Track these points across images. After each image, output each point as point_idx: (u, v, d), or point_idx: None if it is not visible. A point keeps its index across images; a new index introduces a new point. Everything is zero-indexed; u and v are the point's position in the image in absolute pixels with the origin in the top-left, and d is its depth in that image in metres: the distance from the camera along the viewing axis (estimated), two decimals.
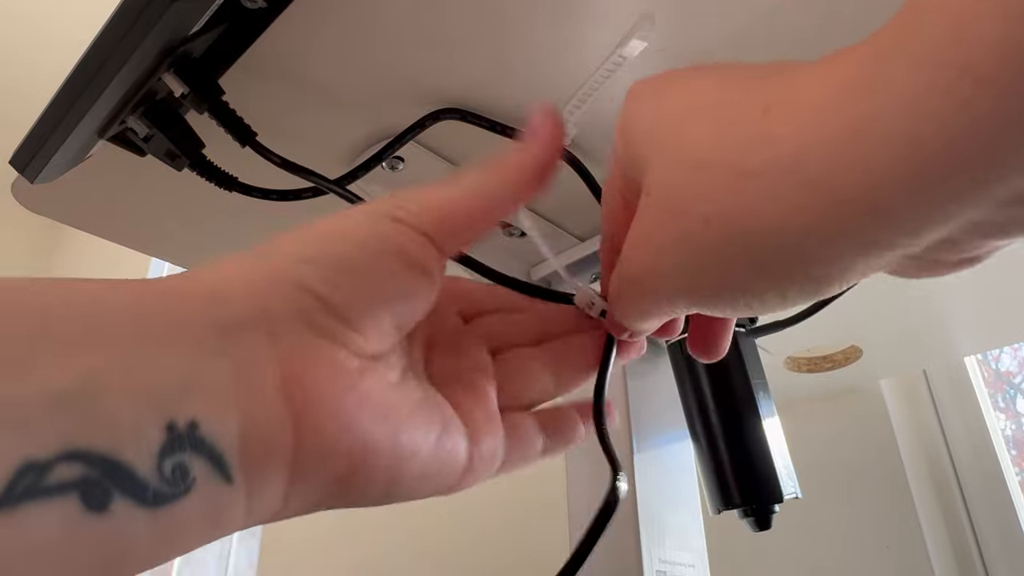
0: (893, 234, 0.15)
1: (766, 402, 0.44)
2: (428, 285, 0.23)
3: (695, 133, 0.19)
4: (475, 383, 0.26)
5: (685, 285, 0.20)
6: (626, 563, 0.42)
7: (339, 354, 0.21)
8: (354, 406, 0.20)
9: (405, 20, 0.36)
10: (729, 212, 0.17)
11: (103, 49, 0.31)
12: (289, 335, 0.20)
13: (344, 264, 0.21)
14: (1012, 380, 0.89)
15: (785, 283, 0.17)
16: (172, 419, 0.17)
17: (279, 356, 0.20)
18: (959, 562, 0.78)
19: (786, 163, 0.16)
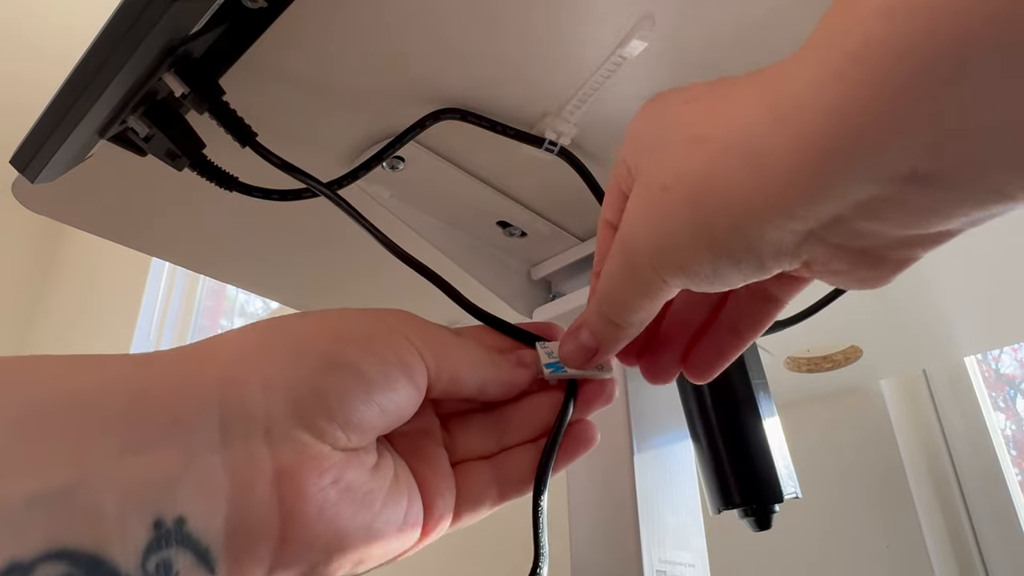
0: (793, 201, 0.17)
1: (766, 402, 0.44)
2: (418, 402, 0.25)
3: (678, 115, 0.21)
4: (426, 447, 0.27)
5: (652, 248, 0.21)
6: (626, 563, 0.42)
7: (325, 449, 0.22)
8: (336, 499, 0.22)
9: (405, 20, 0.36)
10: (679, 176, 0.20)
11: (104, 49, 0.31)
12: (284, 434, 0.21)
13: (359, 375, 0.22)
14: (1012, 380, 0.89)
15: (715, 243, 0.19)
16: (160, 516, 0.18)
17: (274, 454, 0.20)
18: (959, 562, 0.78)
19: (726, 129, 0.18)
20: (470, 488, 0.27)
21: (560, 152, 0.44)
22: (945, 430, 0.85)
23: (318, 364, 0.22)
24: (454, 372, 0.25)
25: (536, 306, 0.54)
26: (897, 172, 0.15)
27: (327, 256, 0.58)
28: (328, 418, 0.21)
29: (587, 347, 0.26)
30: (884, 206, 0.16)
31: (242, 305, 2.58)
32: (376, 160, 0.43)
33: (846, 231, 0.18)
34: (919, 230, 0.17)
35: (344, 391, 0.22)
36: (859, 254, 0.19)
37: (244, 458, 0.20)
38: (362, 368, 0.23)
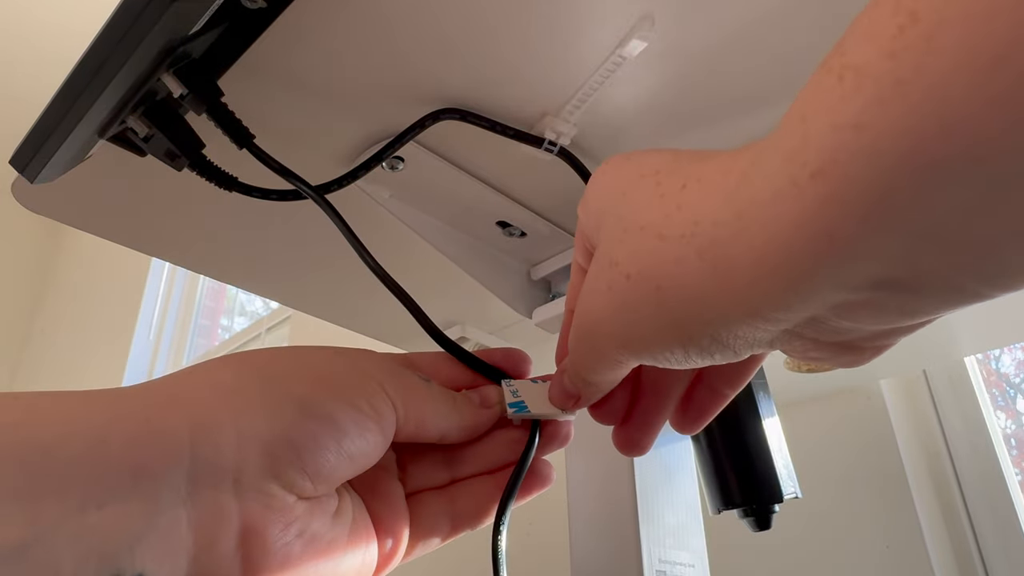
0: (762, 305, 0.17)
1: (766, 402, 0.44)
2: (384, 449, 0.25)
3: (635, 197, 0.21)
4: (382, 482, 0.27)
5: (615, 331, 0.21)
6: (626, 563, 0.42)
7: (290, 500, 0.21)
8: (300, 552, 0.21)
9: (405, 20, 0.36)
10: (645, 270, 0.19)
11: (103, 49, 0.31)
12: (253, 485, 0.21)
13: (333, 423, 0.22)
14: (1012, 380, 0.89)
15: (687, 339, 0.19)
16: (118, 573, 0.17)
17: (241, 506, 0.20)
18: (959, 562, 0.78)
19: (687, 231, 0.18)
20: (423, 521, 0.27)
21: (560, 152, 0.44)
22: (945, 430, 0.85)
23: (295, 413, 0.22)
24: (420, 420, 0.25)
25: (536, 306, 0.54)
26: (868, 281, 0.15)
27: (327, 256, 0.58)
28: (299, 469, 0.21)
29: (569, 394, 0.27)
30: (857, 309, 0.16)
31: (242, 305, 2.58)
32: (376, 160, 0.43)
33: (821, 328, 0.18)
34: (894, 324, 0.17)
35: (318, 442, 0.22)
36: (836, 346, 0.19)
37: (210, 512, 0.20)
38: (337, 418, 0.22)
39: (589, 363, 0.24)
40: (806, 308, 0.16)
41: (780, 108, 0.42)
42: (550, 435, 0.29)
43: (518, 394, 0.28)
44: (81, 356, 2.93)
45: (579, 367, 0.25)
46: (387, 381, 0.25)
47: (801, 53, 0.38)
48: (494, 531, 0.26)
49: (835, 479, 0.84)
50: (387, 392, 0.24)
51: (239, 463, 0.20)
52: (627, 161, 0.23)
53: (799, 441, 0.68)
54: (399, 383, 0.25)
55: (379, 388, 0.24)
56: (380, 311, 0.66)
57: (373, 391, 0.24)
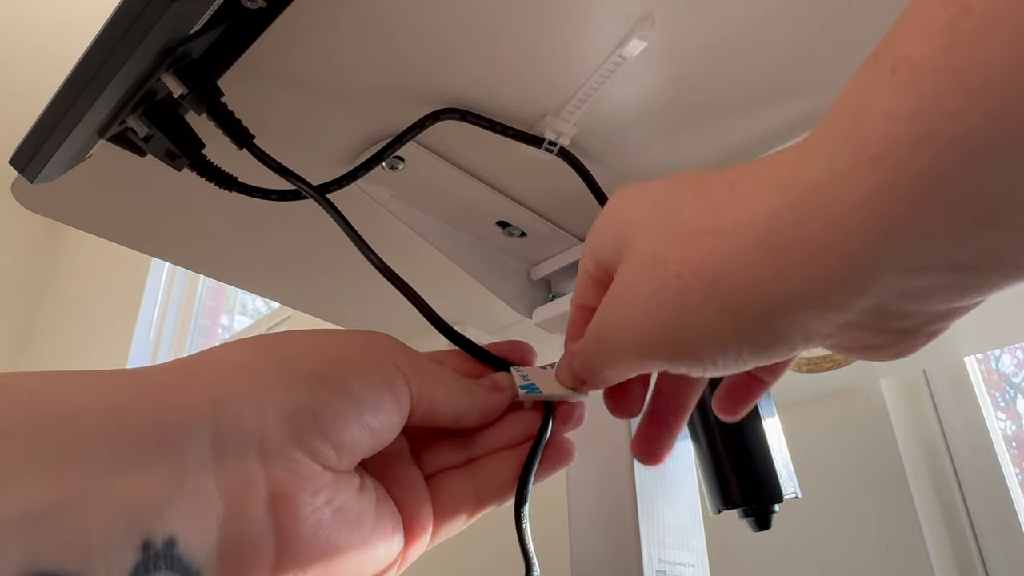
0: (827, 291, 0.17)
1: (766, 402, 0.44)
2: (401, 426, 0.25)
3: (675, 202, 0.21)
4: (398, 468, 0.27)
5: (660, 335, 0.21)
6: (626, 563, 0.42)
7: (316, 469, 0.22)
8: (330, 520, 0.22)
9: (404, 21, 0.36)
10: (699, 265, 0.19)
11: (103, 49, 0.31)
12: (278, 452, 0.21)
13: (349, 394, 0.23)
14: (1012, 380, 0.89)
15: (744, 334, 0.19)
16: (148, 537, 0.17)
17: (267, 474, 0.20)
18: (959, 562, 0.78)
19: (746, 221, 0.18)
20: (446, 499, 0.27)
21: (560, 152, 0.44)
22: (945, 430, 0.85)
23: (311, 383, 0.22)
24: (433, 399, 0.26)
25: (536, 306, 0.54)
26: (932, 263, 0.15)
27: (327, 256, 0.58)
28: (322, 437, 0.21)
29: (578, 378, 0.27)
30: (923, 292, 0.16)
31: (242, 304, 2.58)
32: (376, 160, 0.43)
33: (883, 315, 0.18)
34: (959, 303, 0.17)
35: (336, 410, 0.22)
36: (895, 333, 0.19)
37: (238, 477, 0.20)
38: (353, 388, 0.23)
39: (610, 361, 0.24)
40: (871, 293, 0.17)
41: (780, 108, 0.43)
42: (564, 415, 0.29)
43: (528, 378, 0.29)
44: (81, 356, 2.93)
45: (596, 362, 0.25)
46: (399, 359, 0.25)
47: (801, 52, 0.38)
48: (516, 505, 0.27)
49: (835, 479, 0.84)
50: (400, 368, 0.25)
51: (261, 431, 0.20)
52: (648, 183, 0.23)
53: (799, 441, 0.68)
54: (411, 361, 0.25)
55: (392, 363, 0.24)
56: (380, 310, 0.66)
57: (386, 365, 0.24)
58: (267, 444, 0.21)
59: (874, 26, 0.16)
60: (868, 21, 0.36)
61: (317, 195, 0.37)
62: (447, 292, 0.62)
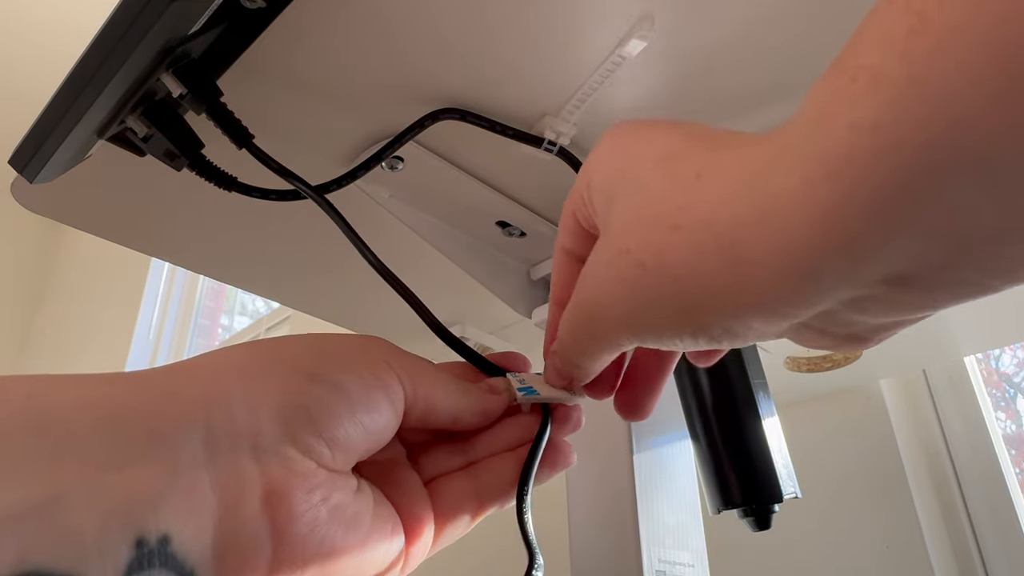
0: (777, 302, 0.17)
1: (766, 402, 0.44)
2: (396, 426, 0.25)
3: (647, 184, 0.20)
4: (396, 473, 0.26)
5: (623, 318, 0.21)
6: (626, 563, 0.42)
7: (311, 466, 0.21)
8: (327, 519, 0.21)
9: (404, 20, 0.36)
10: (660, 258, 0.19)
11: (102, 49, 0.31)
12: (271, 449, 0.21)
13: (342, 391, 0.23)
14: (1012, 379, 0.89)
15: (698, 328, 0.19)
16: (142, 535, 0.17)
17: (262, 471, 0.20)
18: (959, 562, 0.78)
19: (704, 222, 0.18)
20: (447, 503, 0.27)
21: (559, 152, 0.44)
22: (945, 430, 0.85)
23: (303, 381, 0.22)
24: (429, 399, 0.25)
25: (536, 306, 0.54)
26: (881, 277, 0.15)
27: (327, 256, 0.58)
28: (315, 434, 0.21)
29: (562, 375, 0.27)
30: (868, 303, 0.17)
31: (242, 304, 2.58)
32: (375, 160, 0.43)
33: (831, 320, 0.18)
34: (902, 317, 0.18)
35: (330, 407, 0.22)
36: (843, 336, 0.19)
37: (232, 475, 0.20)
38: (345, 385, 0.23)
39: (585, 348, 0.24)
40: (819, 303, 0.17)
41: (779, 107, 0.42)
42: (562, 418, 0.29)
43: (524, 381, 0.29)
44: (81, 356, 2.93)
45: (571, 352, 0.25)
46: (393, 359, 0.25)
47: (800, 52, 0.38)
48: (518, 503, 0.26)
49: (835, 479, 0.84)
50: (393, 368, 0.25)
51: (254, 428, 0.20)
52: (635, 140, 0.22)
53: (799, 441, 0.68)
54: (405, 361, 0.25)
55: (385, 363, 0.24)
56: (380, 310, 0.66)
57: (379, 365, 0.24)
58: (260, 441, 0.20)
59: None
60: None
61: (316, 195, 0.37)
62: (447, 292, 0.62)
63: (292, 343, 0.24)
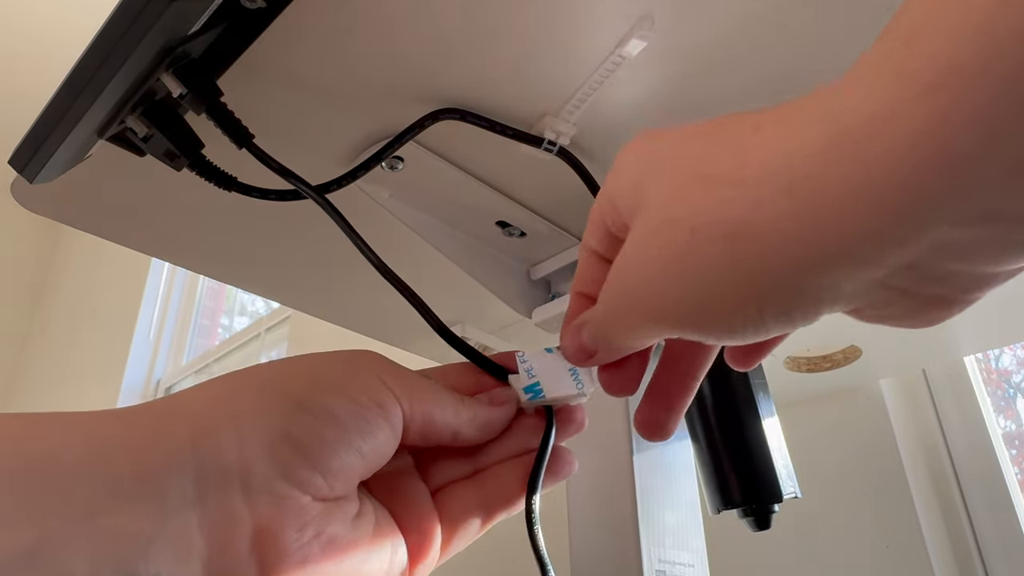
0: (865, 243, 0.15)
1: (766, 402, 0.44)
2: (395, 444, 0.24)
3: (689, 150, 0.19)
4: (403, 485, 0.26)
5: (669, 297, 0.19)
6: (626, 563, 0.42)
7: (304, 500, 0.21)
8: (319, 554, 0.21)
9: (404, 20, 0.36)
10: (715, 220, 0.17)
11: (102, 49, 0.31)
12: (263, 486, 0.20)
13: (334, 418, 0.22)
14: (1012, 379, 0.89)
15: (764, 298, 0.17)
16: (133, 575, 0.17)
17: (251, 509, 0.20)
18: (958, 561, 0.78)
19: (773, 167, 0.16)
20: (454, 513, 0.26)
21: (559, 152, 0.44)
22: (944, 430, 0.85)
23: (290, 409, 0.21)
24: (427, 416, 0.25)
25: (536, 306, 0.54)
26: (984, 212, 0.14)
27: (328, 256, 0.58)
28: (309, 466, 0.21)
29: (586, 350, 0.25)
30: (977, 247, 0.15)
31: (242, 304, 2.58)
32: (375, 160, 0.43)
33: (923, 275, 0.16)
34: (1011, 265, 0.15)
35: (321, 437, 0.21)
36: (927, 299, 0.17)
37: (221, 514, 0.19)
38: (336, 412, 0.22)
39: (621, 328, 0.22)
40: (909, 248, 0.15)
41: None
42: (565, 420, 0.29)
43: (533, 373, 0.28)
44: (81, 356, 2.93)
45: (609, 326, 0.23)
46: (387, 376, 0.24)
47: (800, 50, 0.38)
48: (528, 522, 0.26)
49: (835, 479, 0.84)
50: (388, 385, 0.24)
51: (244, 464, 0.20)
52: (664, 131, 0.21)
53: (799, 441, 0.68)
54: (400, 379, 0.24)
55: (379, 381, 0.24)
56: (380, 311, 0.66)
57: (373, 384, 0.23)
58: (251, 479, 0.20)
59: (875, 23, 0.16)
60: (868, 19, 0.36)
61: (316, 195, 0.37)
62: (447, 292, 0.62)
63: (280, 369, 0.24)
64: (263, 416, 0.21)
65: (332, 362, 0.24)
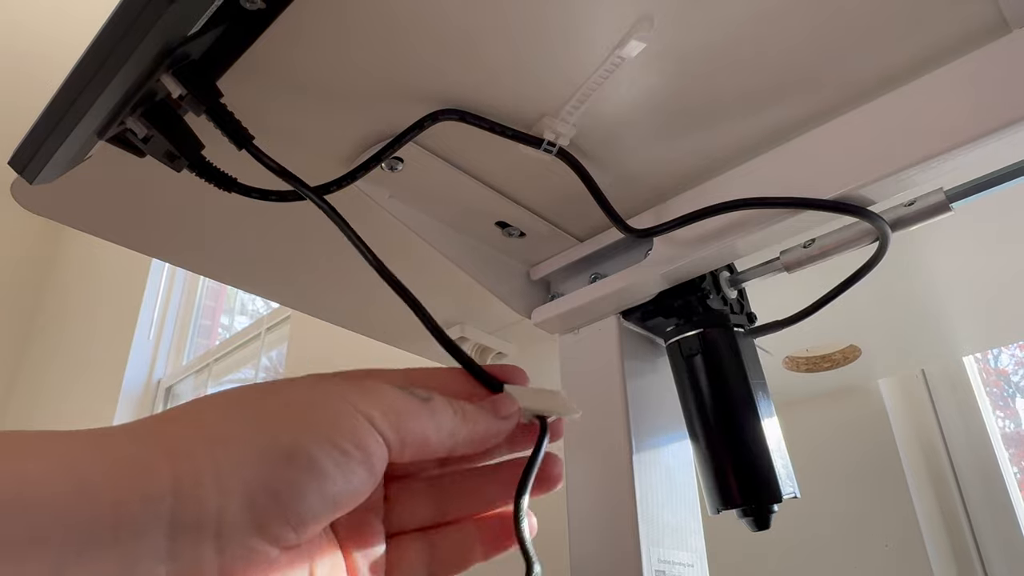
0: None
1: (765, 402, 0.44)
2: (371, 489, 0.24)
3: None
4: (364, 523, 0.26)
5: None
6: (625, 563, 0.42)
7: (272, 553, 0.21)
8: None
9: (403, 21, 0.36)
10: None
11: (102, 49, 0.31)
12: (235, 540, 0.20)
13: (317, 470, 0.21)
14: (1011, 379, 0.89)
15: None
16: None
17: (221, 562, 0.20)
18: (958, 561, 0.78)
19: None
20: (401, 566, 0.26)
21: (559, 153, 0.44)
22: (943, 429, 0.85)
23: (278, 461, 0.21)
24: (421, 442, 0.25)
25: (536, 306, 0.54)
26: None
27: (328, 256, 0.58)
28: (282, 520, 0.21)
29: None
30: None
31: (243, 304, 2.58)
32: (375, 161, 0.43)
33: None
34: None
35: (302, 489, 0.21)
36: None
37: (189, 568, 0.19)
38: (321, 463, 0.21)
39: None
40: None
41: (780, 106, 0.42)
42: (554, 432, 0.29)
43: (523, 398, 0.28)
44: (81, 356, 2.93)
45: None
46: (378, 414, 0.24)
47: (800, 50, 0.38)
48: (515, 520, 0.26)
49: (834, 479, 0.84)
50: (377, 425, 0.23)
51: (221, 515, 0.20)
52: None
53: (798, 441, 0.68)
54: (390, 412, 0.24)
55: (368, 423, 0.23)
56: (380, 311, 0.67)
57: (361, 428, 0.23)
58: (225, 530, 0.20)
59: (875, 23, 0.16)
60: (868, 19, 0.36)
61: (315, 196, 0.37)
62: (447, 292, 0.62)
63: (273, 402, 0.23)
64: (250, 464, 0.21)
65: (326, 399, 0.24)
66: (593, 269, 0.53)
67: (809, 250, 0.45)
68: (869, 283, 0.43)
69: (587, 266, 0.54)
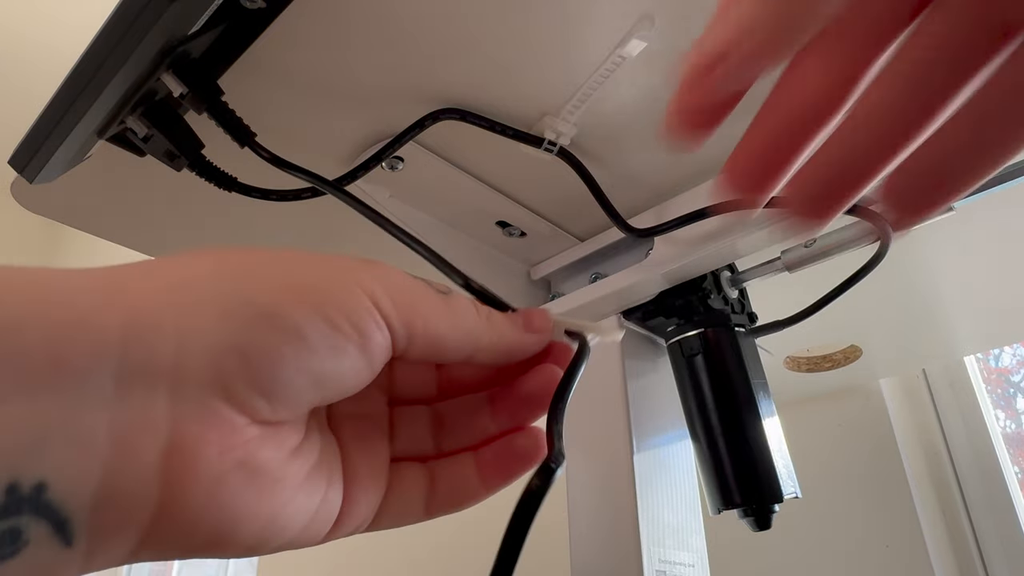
0: None
1: (766, 402, 0.44)
2: (368, 378, 0.21)
3: None
4: (368, 434, 0.24)
5: None
6: (626, 563, 0.42)
7: (238, 421, 0.18)
8: (236, 482, 0.18)
9: (404, 20, 0.36)
10: None
11: (102, 49, 0.31)
12: (193, 397, 0.18)
13: (299, 336, 0.19)
14: (1011, 378, 0.89)
15: None
16: (15, 479, 0.15)
17: (172, 420, 0.17)
18: (958, 560, 0.78)
19: None
20: (399, 494, 0.24)
21: (559, 152, 0.44)
22: (944, 429, 0.85)
23: (252, 318, 0.18)
24: (434, 337, 0.22)
25: (536, 306, 0.54)
26: None
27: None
28: (249, 384, 0.18)
29: None
30: None
31: None
32: (375, 160, 0.43)
33: None
34: None
35: (274, 354, 0.18)
36: None
37: (136, 418, 0.17)
38: (305, 331, 0.19)
39: None
40: None
41: None
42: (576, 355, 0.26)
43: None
44: None
45: None
46: (384, 295, 0.21)
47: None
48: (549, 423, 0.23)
49: (835, 479, 0.84)
50: (381, 307, 0.20)
51: (178, 370, 0.17)
52: None
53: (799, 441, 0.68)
54: (402, 296, 0.21)
55: (370, 303, 0.20)
56: None
57: (360, 306, 0.20)
58: (182, 386, 0.17)
59: None
60: None
61: (333, 188, 0.37)
62: None
63: (253, 265, 0.20)
64: (216, 319, 0.18)
65: (323, 269, 0.21)
66: (594, 269, 0.53)
67: (810, 250, 0.45)
68: (870, 283, 0.43)
69: (588, 266, 0.54)
